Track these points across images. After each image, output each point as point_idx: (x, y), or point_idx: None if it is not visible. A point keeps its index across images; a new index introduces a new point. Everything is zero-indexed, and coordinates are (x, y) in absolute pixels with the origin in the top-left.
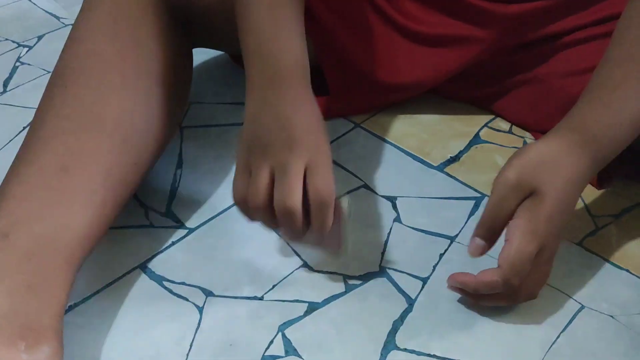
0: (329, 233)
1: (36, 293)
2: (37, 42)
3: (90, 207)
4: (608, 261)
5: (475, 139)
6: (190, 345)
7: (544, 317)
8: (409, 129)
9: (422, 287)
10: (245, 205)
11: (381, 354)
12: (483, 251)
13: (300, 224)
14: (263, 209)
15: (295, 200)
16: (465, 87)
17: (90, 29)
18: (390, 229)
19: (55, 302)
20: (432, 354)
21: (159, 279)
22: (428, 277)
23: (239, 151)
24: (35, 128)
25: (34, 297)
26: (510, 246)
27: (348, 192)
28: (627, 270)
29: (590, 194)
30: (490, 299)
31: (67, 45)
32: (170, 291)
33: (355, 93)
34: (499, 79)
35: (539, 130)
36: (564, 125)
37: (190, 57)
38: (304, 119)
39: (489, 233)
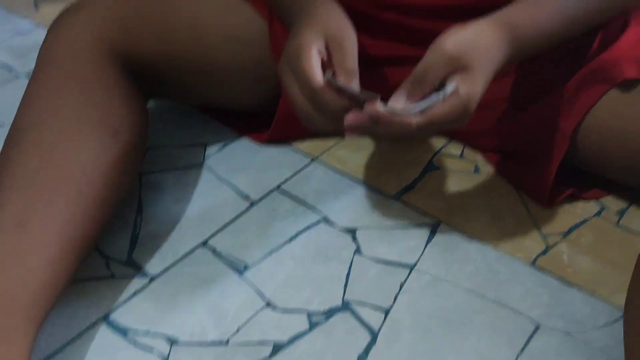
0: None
1: None
2: None
3: (48, 262)
4: (561, 279)
5: (429, 166)
6: None
7: (502, 338)
8: (365, 160)
9: (385, 318)
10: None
11: None
12: (404, 103)
13: (331, 101)
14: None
15: (315, 79)
16: None
17: (44, 86)
18: (351, 261)
19: (17, 358)
20: None
21: (123, 331)
22: (390, 308)
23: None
24: None
25: None
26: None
27: (307, 227)
28: (580, 287)
29: (540, 213)
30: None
31: (23, 102)
32: (135, 342)
33: None
34: None
35: (491, 151)
36: (499, 18)
37: (144, 108)
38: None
39: (414, 89)
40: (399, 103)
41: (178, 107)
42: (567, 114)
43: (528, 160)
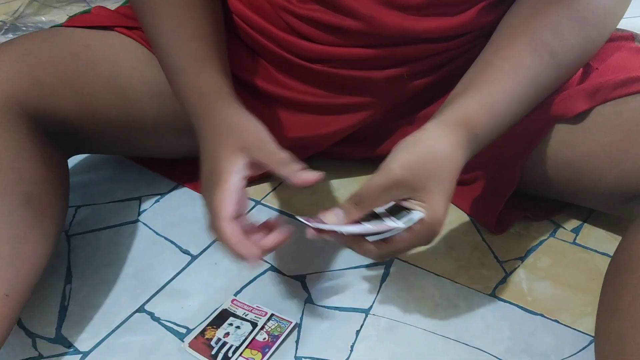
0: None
1: None
2: None
3: None
4: (521, 308)
5: None
6: None
7: None
8: (310, 198)
9: None
10: None
11: None
12: (340, 221)
13: (252, 254)
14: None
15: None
16: (363, 147)
17: None
18: (302, 311)
19: None
20: None
21: None
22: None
23: None
24: None
25: None
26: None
27: (255, 278)
28: (542, 315)
29: (495, 239)
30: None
31: None
32: None
33: None
34: (395, 135)
35: None
36: (452, 117)
37: (63, 166)
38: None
39: (353, 208)
40: (332, 219)
41: (107, 157)
42: (519, 149)
43: (478, 188)
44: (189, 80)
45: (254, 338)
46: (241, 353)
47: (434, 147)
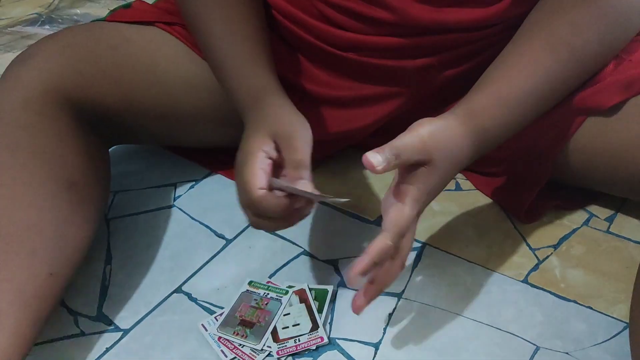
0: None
1: None
2: None
3: (3, 328)
4: (555, 294)
5: None
6: None
7: None
8: (342, 187)
9: (375, 354)
10: None
11: None
12: (380, 167)
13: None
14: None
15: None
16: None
17: None
18: (335, 295)
19: None
20: None
21: None
22: (379, 342)
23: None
24: None
25: None
26: (397, 210)
27: (288, 262)
28: (575, 302)
29: (527, 227)
30: (385, 280)
31: None
32: None
33: None
34: None
35: (469, 171)
36: (461, 109)
37: (104, 155)
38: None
39: (387, 160)
40: (375, 158)
41: (145, 146)
42: (552, 141)
43: (508, 179)
44: (241, 80)
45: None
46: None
47: (447, 131)
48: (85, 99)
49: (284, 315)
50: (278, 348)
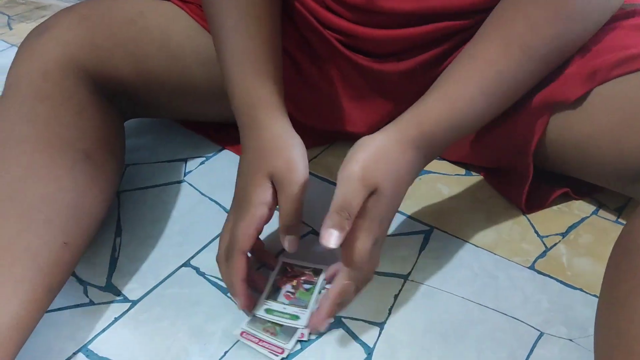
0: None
1: None
2: None
3: (18, 294)
4: (561, 282)
5: None
6: None
7: (504, 350)
8: None
9: (380, 333)
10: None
11: None
12: (340, 240)
13: (241, 301)
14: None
15: (234, 282)
16: None
17: (9, 113)
18: None
19: None
20: None
21: None
22: (384, 322)
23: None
24: None
25: None
26: (348, 247)
27: None
28: (581, 290)
29: (536, 215)
30: (345, 303)
31: None
32: None
33: None
34: None
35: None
36: (405, 118)
37: (120, 127)
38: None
39: (340, 224)
40: (330, 239)
41: (157, 121)
42: (525, 135)
43: (506, 171)
44: (243, 88)
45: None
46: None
47: (384, 147)
48: (101, 72)
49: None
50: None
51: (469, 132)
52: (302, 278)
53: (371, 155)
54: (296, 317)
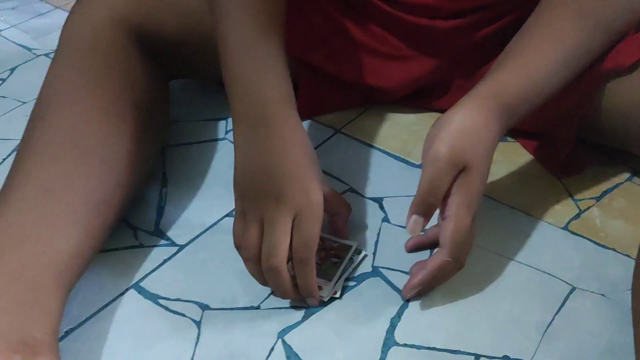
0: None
1: (28, 310)
2: (10, 75)
3: (74, 227)
4: (594, 242)
5: None
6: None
7: (537, 301)
8: (389, 131)
9: None
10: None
11: (382, 351)
12: (422, 227)
13: (287, 282)
14: (254, 262)
15: (280, 259)
16: (435, 99)
17: (65, 64)
18: (380, 229)
19: (47, 318)
20: (431, 346)
21: (154, 297)
22: None
23: (235, 195)
24: (19, 157)
25: (26, 314)
26: (451, 223)
27: None
28: (614, 250)
29: (571, 180)
30: (442, 280)
31: (46, 80)
32: (166, 308)
33: (325, 93)
34: (465, 89)
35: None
36: (483, 90)
37: (165, 83)
38: (291, 165)
39: (426, 209)
40: (416, 227)
41: (200, 83)
42: (575, 103)
43: (544, 137)
44: (255, 85)
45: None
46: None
47: (467, 122)
48: (148, 29)
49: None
50: None
51: (542, 103)
52: (331, 252)
53: (456, 133)
54: (319, 288)
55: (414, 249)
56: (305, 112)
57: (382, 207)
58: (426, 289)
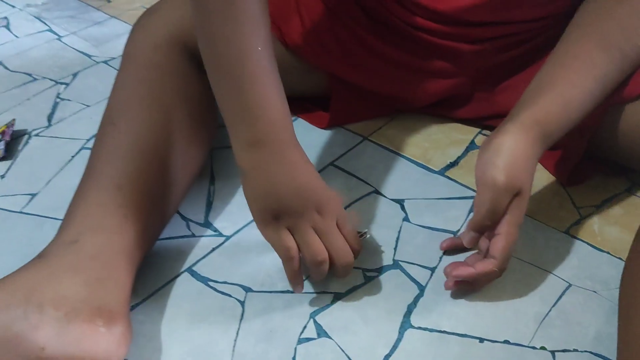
0: None
1: (105, 284)
2: (72, 79)
3: (140, 217)
4: (591, 245)
5: (471, 145)
6: (237, 333)
7: (536, 295)
8: (411, 139)
9: (431, 275)
10: (295, 261)
11: (399, 332)
12: (477, 242)
13: (327, 269)
14: (324, 264)
15: (351, 257)
16: (455, 109)
17: (129, 76)
18: (400, 227)
19: (120, 292)
20: (442, 330)
21: (204, 280)
22: (435, 267)
23: (261, 216)
24: (93, 156)
25: (103, 288)
26: (504, 240)
27: (360, 198)
28: (608, 253)
29: (575, 188)
30: (482, 284)
31: (114, 89)
32: (215, 289)
33: (355, 104)
34: (486, 102)
35: None
36: (527, 117)
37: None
38: (314, 182)
39: (483, 228)
40: (472, 242)
41: None
42: (591, 121)
43: (553, 150)
44: (274, 110)
45: None
46: None
47: (518, 148)
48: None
49: None
50: None
51: (571, 128)
52: None
53: (510, 159)
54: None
55: (449, 249)
56: (337, 121)
57: (403, 208)
58: (468, 290)
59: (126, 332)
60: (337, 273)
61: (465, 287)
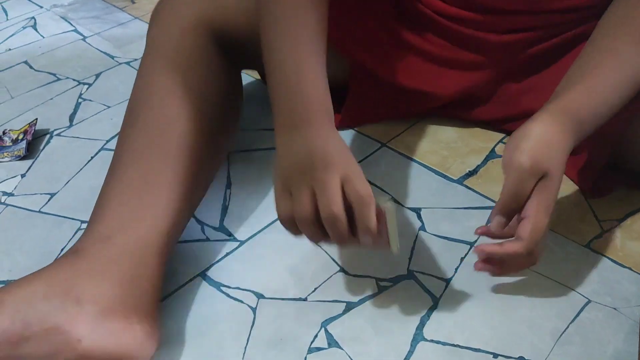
0: (377, 234)
1: (138, 283)
2: (95, 80)
3: (169, 213)
4: (612, 260)
5: (491, 154)
6: (247, 340)
7: (554, 310)
8: (430, 147)
9: (446, 287)
10: (291, 222)
11: (411, 345)
12: (504, 227)
13: (346, 228)
14: (310, 222)
15: (338, 206)
16: (476, 110)
17: (154, 66)
18: (416, 236)
19: (153, 290)
20: (455, 344)
21: (217, 285)
22: (451, 279)
23: (277, 178)
24: (118, 154)
25: (137, 286)
26: (530, 222)
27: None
28: (630, 268)
29: (597, 201)
30: (513, 269)
31: (135, 85)
32: (227, 295)
33: (372, 100)
34: (508, 104)
35: None
36: (557, 107)
37: (239, 82)
38: (334, 146)
39: (509, 212)
40: (499, 226)
41: (259, 94)
42: (613, 127)
43: (579, 156)
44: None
45: None
46: None
47: (546, 134)
48: (225, 28)
49: None
50: None
51: (603, 122)
52: None
53: (536, 144)
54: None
55: (483, 235)
56: (350, 120)
57: (419, 217)
58: (498, 273)
59: (157, 329)
60: (326, 228)
61: (493, 270)
